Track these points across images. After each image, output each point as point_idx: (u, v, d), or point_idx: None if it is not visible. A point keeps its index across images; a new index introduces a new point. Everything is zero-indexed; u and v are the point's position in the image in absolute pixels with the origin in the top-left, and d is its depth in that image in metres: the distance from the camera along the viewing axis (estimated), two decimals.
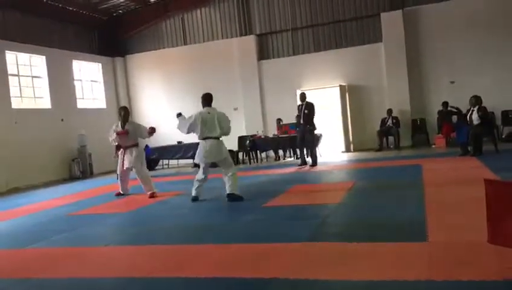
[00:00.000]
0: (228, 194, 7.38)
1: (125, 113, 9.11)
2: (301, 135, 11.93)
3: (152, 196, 8.65)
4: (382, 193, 7.02)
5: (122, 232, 6.22)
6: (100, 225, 6.65)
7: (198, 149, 7.66)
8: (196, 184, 7.75)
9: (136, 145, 8.99)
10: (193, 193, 7.75)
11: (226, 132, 7.59)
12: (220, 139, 7.62)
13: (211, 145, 7.46)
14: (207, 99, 7.70)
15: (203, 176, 7.74)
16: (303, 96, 12.09)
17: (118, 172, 9.22)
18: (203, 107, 7.68)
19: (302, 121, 11.85)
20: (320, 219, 5.51)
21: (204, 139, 7.52)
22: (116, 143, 9.07)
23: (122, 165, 9.01)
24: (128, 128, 8.90)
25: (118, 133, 8.87)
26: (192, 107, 16.42)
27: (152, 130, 8.89)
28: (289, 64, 15.80)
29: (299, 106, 12.19)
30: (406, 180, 7.99)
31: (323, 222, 5.37)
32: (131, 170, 9.04)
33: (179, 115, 7.89)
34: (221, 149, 7.53)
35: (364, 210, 5.90)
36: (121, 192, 9.32)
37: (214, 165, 7.81)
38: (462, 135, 10.86)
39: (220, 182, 7.74)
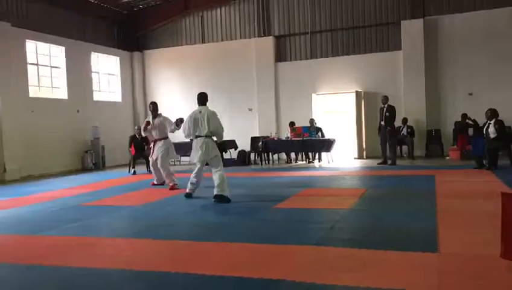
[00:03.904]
0: (215, 195, 7.43)
1: (154, 108, 9.65)
2: (383, 135, 12.47)
3: (172, 188, 9.13)
4: (394, 201, 6.99)
5: (133, 225, 6.27)
6: (111, 217, 6.72)
7: (192, 148, 7.81)
8: (192, 181, 7.93)
9: (164, 138, 9.54)
10: (187, 189, 7.98)
11: (215, 130, 7.65)
12: (210, 137, 7.70)
13: (202, 143, 7.61)
14: (201, 99, 7.85)
15: (198, 173, 7.91)
16: (385, 99, 12.48)
17: (150, 163, 10.04)
18: (198, 106, 7.83)
19: (383, 123, 12.32)
20: (331, 223, 5.49)
21: (196, 137, 7.69)
22: (145, 135, 9.97)
23: (152, 156, 9.70)
24: (156, 122, 9.48)
25: (145, 126, 9.56)
26: (208, 105, 16.44)
27: (179, 122, 9.05)
28: (306, 68, 15.79)
29: (381, 108, 12.59)
30: (418, 190, 7.94)
31: (333, 226, 5.35)
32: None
33: (181, 120, 8.28)
34: (209, 147, 7.62)
35: (375, 217, 5.87)
36: (155, 182, 9.90)
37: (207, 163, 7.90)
38: (478, 148, 10.75)
39: (229, 181, 7.72)
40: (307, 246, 4.48)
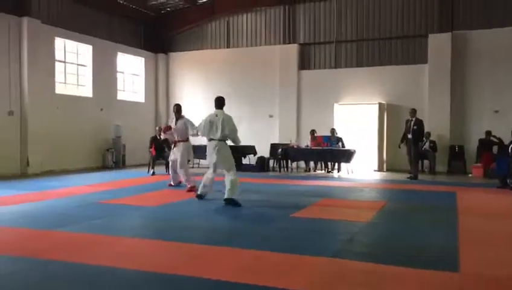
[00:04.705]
0: (225, 198, 7.52)
1: (178, 109, 9.81)
2: (409, 148, 12.30)
3: (191, 189, 9.13)
4: (414, 216, 6.89)
5: (149, 225, 6.29)
6: (128, 216, 6.75)
7: (207, 151, 7.96)
8: (205, 183, 8.08)
9: (185, 140, 9.62)
10: (199, 191, 8.12)
11: (229, 134, 7.69)
12: (223, 141, 7.74)
13: (213, 147, 7.70)
14: (218, 103, 7.94)
15: (210, 176, 8.02)
16: (413, 112, 12.31)
17: (169, 164, 10.21)
18: (215, 109, 7.93)
19: (410, 136, 12.16)
20: (348, 235, 5.41)
21: (210, 140, 7.79)
22: (164, 137, 10.30)
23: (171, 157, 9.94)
24: (178, 124, 9.61)
25: (165, 130, 9.83)
26: (229, 111, 16.56)
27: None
28: (329, 77, 15.70)
29: (408, 121, 12.41)
30: (439, 206, 7.80)
31: (351, 239, 5.27)
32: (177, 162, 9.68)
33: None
34: (220, 151, 7.67)
35: (394, 232, 5.77)
36: (172, 183, 10.09)
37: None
38: (502, 166, 10.50)
39: (246, 186, 7.72)
40: (323, 257, 4.41)
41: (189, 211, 7.24)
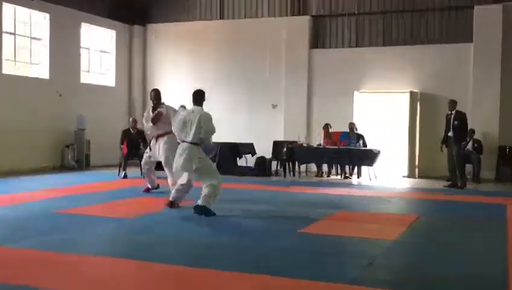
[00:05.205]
0: (196, 205, 7.66)
1: (156, 96, 9.89)
2: (450, 150, 12.32)
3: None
4: (452, 234, 6.92)
5: (120, 241, 6.32)
6: (93, 230, 6.77)
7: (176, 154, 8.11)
8: (178, 187, 8.25)
9: (168, 133, 9.47)
10: (171, 196, 8.33)
11: (205, 137, 7.83)
12: (197, 145, 7.84)
13: (184, 150, 7.81)
14: (196, 98, 8.12)
15: (185, 180, 8.13)
16: (453, 104, 12.35)
17: (142, 164, 10.24)
18: (193, 105, 8.08)
19: (451, 134, 12.17)
20: (370, 258, 5.43)
21: (182, 142, 7.94)
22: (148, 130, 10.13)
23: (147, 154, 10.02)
24: (162, 112, 9.62)
25: (155, 118, 9.61)
26: (222, 98, 16.48)
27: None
28: (349, 58, 15.71)
29: (448, 115, 12.45)
30: (484, 222, 7.84)
31: (372, 262, 5.29)
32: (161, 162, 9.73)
33: (183, 108, 8.40)
34: (191, 157, 7.75)
35: (427, 254, 5.79)
36: (149, 187, 10.14)
37: None
38: None
39: (242, 194, 7.75)
40: (337, 284, 4.43)
41: (169, 224, 7.26)
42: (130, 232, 6.72)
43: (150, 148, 9.89)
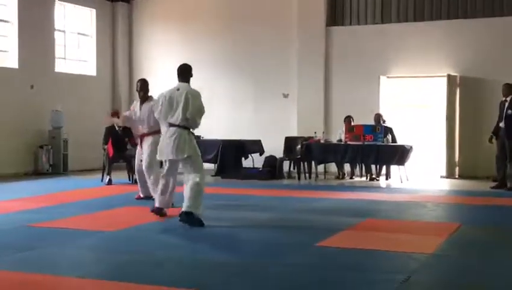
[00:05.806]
0: (183, 212, 7.65)
1: (143, 87, 9.97)
2: (501, 144, 12.24)
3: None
4: (500, 246, 6.88)
5: (104, 260, 6.29)
6: (74, 246, 6.76)
7: (160, 141, 8.20)
8: (158, 188, 8.40)
9: (155, 132, 9.43)
10: (157, 203, 8.45)
11: (190, 117, 7.80)
12: (187, 129, 7.91)
13: (172, 135, 7.83)
14: (182, 72, 8.23)
15: (166, 178, 8.29)
16: (508, 88, 12.25)
17: (135, 169, 10.44)
18: (178, 82, 8.15)
19: (502, 125, 12.12)
20: (404, 274, 5.41)
21: (169, 126, 7.93)
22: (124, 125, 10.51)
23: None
24: (144, 109, 9.71)
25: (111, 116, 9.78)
26: (223, 87, 16.46)
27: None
28: (373, 37, 15.68)
29: (501, 102, 12.41)
30: None
31: (407, 280, 5.27)
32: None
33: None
34: (181, 143, 7.79)
35: (470, 269, 5.79)
36: (141, 195, 10.27)
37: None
38: None
39: (248, 201, 7.75)
40: None
41: (162, 238, 7.30)
42: (113, 248, 6.71)
43: (142, 148, 9.92)
